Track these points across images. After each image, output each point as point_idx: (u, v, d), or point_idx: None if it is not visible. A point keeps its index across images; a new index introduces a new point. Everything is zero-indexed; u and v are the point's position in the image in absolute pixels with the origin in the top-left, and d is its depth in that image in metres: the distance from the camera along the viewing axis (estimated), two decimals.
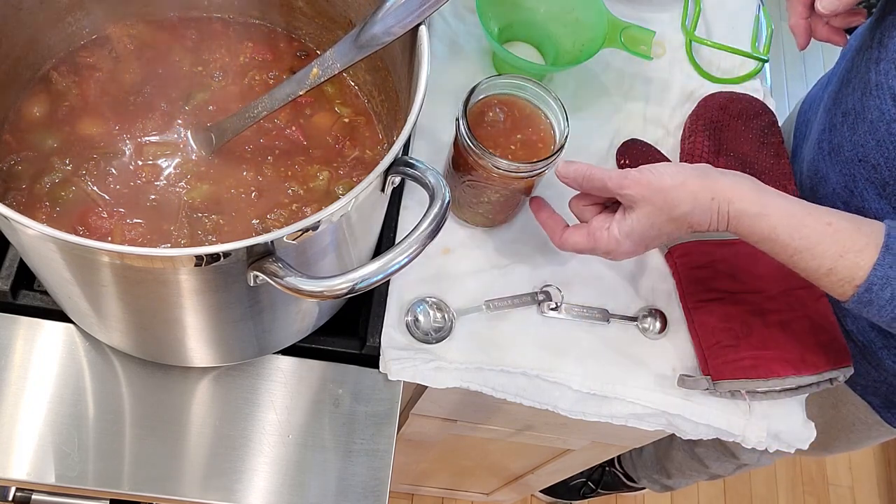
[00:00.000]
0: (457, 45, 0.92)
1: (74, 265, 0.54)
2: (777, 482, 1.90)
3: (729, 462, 1.31)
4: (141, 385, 0.73)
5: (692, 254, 0.81)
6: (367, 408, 0.76)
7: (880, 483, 1.94)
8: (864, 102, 0.77)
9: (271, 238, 0.49)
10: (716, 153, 0.87)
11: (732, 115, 0.89)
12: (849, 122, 0.80)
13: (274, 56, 0.76)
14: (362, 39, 0.60)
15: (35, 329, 0.74)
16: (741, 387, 0.76)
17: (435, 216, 0.52)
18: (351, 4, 0.70)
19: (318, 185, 0.69)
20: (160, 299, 0.57)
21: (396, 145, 0.53)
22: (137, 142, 0.68)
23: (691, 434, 0.80)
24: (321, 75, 0.62)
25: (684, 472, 1.45)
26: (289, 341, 0.73)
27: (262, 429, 0.73)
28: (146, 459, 0.70)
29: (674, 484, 1.55)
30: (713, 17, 1.01)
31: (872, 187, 0.77)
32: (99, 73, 0.71)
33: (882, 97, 0.74)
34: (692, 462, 1.39)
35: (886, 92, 0.74)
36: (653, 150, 0.88)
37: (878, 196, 0.76)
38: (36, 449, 0.69)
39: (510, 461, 1.28)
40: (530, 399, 0.78)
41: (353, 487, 0.73)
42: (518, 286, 0.80)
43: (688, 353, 0.81)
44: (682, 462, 1.43)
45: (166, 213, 0.65)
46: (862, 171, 0.78)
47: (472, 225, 0.82)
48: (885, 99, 0.74)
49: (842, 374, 0.77)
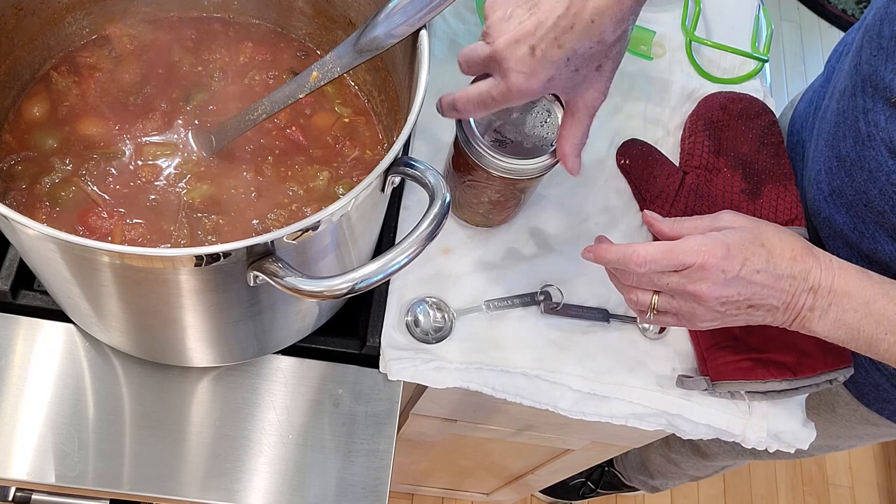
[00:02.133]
0: (457, 45, 0.92)
1: (74, 265, 0.54)
2: (777, 482, 1.90)
3: (702, 464, 1.31)
4: (141, 385, 0.73)
5: None
6: (367, 408, 0.76)
7: (880, 483, 1.94)
8: (860, 152, 0.74)
9: (271, 238, 0.49)
10: (716, 153, 0.87)
11: (732, 116, 0.89)
12: (846, 168, 0.77)
13: (274, 56, 0.76)
14: (362, 43, 0.60)
15: (35, 329, 0.74)
16: (740, 387, 0.76)
17: (435, 216, 0.52)
18: (351, 4, 0.70)
19: (318, 185, 0.69)
20: (160, 299, 0.57)
21: (396, 145, 0.53)
22: (137, 142, 0.68)
23: (691, 434, 0.80)
24: (321, 79, 0.62)
25: (665, 475, 1.46)
26: (289, 341, 0.73)
27: (262, 429, 0.73)
28: (146, 459, 0.70)
29: (659, 485, 1.56)
30: (713, 17, 1.01)
31: (883, 231, 0.74)
32: (99, 73, 0.71)
33: (877, 148, 0.71)
34: (669, 465, 1.40)
35: (880, 143, 0.71)
36: (653, 151, 0.88)
37: (891, 238, 0.74)
38: (36, 449, 0.69)
39: (510, 461, 1.28)
40: (530, 399, 0.78)
41: (353, 487, 0.73)
42: (518, 286, 0.80)
43: (688, 354, 0.81)
44: (660, 464, 1.43)
45: (166, 214, 0.65)
46: (870, 216, 0.75)
47: (472, 225, 0.82)
48: (880, 150, 0.71)
49: (841, 374, 0.77)
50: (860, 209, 0.76)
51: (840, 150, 0.77)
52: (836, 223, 0.80)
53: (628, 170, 0.87)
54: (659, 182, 0.85)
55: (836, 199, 0.80)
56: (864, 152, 0.73)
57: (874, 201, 0.74)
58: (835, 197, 0.80)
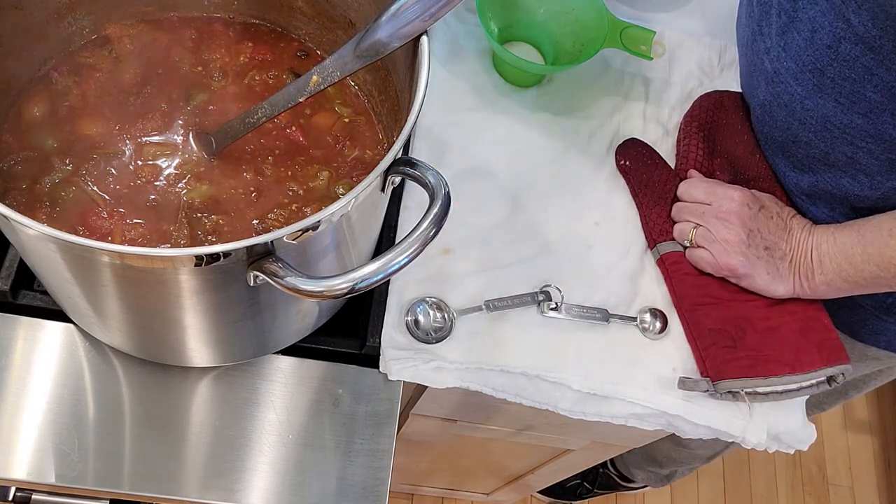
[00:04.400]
0: (457, 45, 0.92)
1: (74, 265, 0.54)
2: (777, 482, 1.90)
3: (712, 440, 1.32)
4: (141, 385, 0.73)
5: (684, 262, 0.82)
6: (367, 408, 0.76)
7: (880, 483, 1.94)
8: (773, 91, 0.79)
9: (271, 238, 0.49)
10: (710, 155, 0.87)
11: (728, 110, 0.89)
12: (769, 113, 0.82)
13: (274, 56, 0.76)
14: (362, 48, 0.59)
15: (35, 329, 0.74)
16: (741, 386, 0.76)
17: (435, 216, 0.52)
18: (351, 5, 0.70)
19: (318, 185, 0.69)
20: (160, 299, 0.57)
21: (396, 145, 0.53)
22: (137, 142, 0.68)
23: (691, 434, 0.80)
24: (321, 83, 0.62)
25: (675, 460, 1.45)
26: (289, 341, 0.73)
27: (262, 429, 0.73)
28: (146, 459, 0.70)
29: (669, 474, 1.54)
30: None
31: (820, 164, 0.78)
32: (99, 73, 0.71)
33: (785, 82, 0.76)
34: (678, 449, 1.39)
35: (786, 74, 0.75)
36: (653, 154, 0.88)
37: (826, 167, 0.78)
38: (36, 449, 0.69)
39: (510, 461, 1.28)
40: (530, 399, 0.78)
41: (353, 487, 0.73)
42: (518, 286, 0.80)
43: (688, 354, 0.81)
44: (668, 451, 1.42)
45: (166, 214, 0.65)
46: (801, 151, 0.79)
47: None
48: (788, 82, 0.76)
49: (840, 372, 0.77)
50: (790, 147, 0.81)
51: (759, 98, 0.83)
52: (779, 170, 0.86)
53: (627, 171, 0.87)
54: (658, 186, 0.86)
55: (771, 146, 0.85)
56: (776, 89, 0.78)
57: (798, 134, 0.78)
58: (770, 145, 0.85)
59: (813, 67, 0.72)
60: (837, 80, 0.70)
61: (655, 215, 0.84)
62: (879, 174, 0.73)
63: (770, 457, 1.90)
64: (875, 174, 0.74)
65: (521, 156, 0.87)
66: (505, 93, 0.90)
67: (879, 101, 0.68)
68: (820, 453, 1.94)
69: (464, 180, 0.84)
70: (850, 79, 0.69)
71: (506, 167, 0.86)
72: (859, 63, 0.67)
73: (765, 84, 0.81)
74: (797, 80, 0.75)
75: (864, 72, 0.68)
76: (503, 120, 0.89)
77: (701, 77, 0.95)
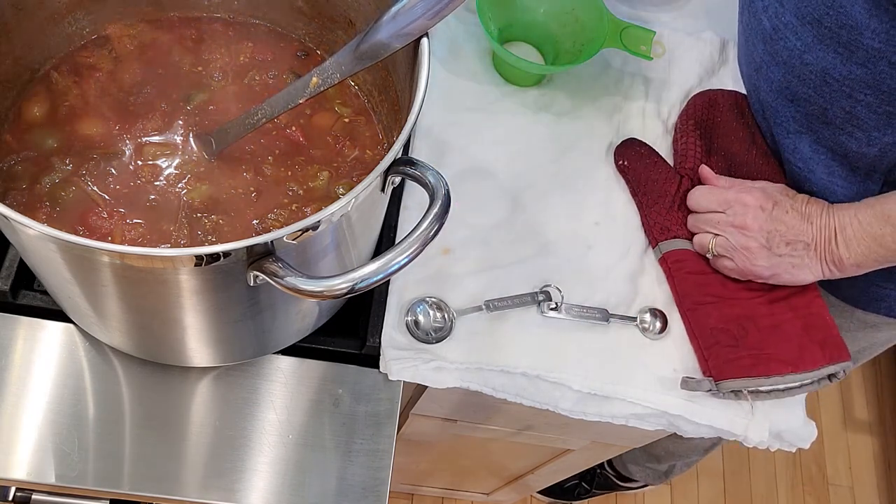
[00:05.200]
0: (457, 45, 0.92)
1: (74, 265, 0.54)
2: (777, 482, 1.90)
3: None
4: (141, 385, 0.73)
5: (686, 261, 0.82)
6: (367, 408, 0.76)
7: (880, 483, 1.94)
8: (772, 49, 0.79)
9: (271, 238, 0.49)
10: (707, 153, 0.87)
11: (723, 109, 0.89)
12: (765, 75, 0.82)
13: (274, 56, 0.76)
14: (362, 49, 0.59)
15: (35, 329, 0.74)
16: (743, 386, 0.76)
17: (435, 216, 0.52)
18: (351, 5, 0.70)
19: (318, 185, 0.69)
20: (160, 299, 0.57)
21: (396, 145, 0.53)
22: (137, 142, 0.68)
23: (692, 434, 0.80)
24: (321, 84, 0.62)
25: (674, 454, 1.44)
26: (289, 341, 0.73)
27: (262, 429, 0.73)
28: (146, 459, 0.70)
29: (668, 470, 1.53)
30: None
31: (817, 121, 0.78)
32: (99, 73, 0.71)
33: (785, 38, 0.76)
34: (677, 441, 1.38)
35: (785, 29, 0.76)
36: (652, 153, 0.88)
37: (824, 125, 0.78)
38: (36, 449, 0.69)
39: (510, 461, 1.28)
40: (530, 399, 0.78)
41: (353, 487, 0.73)
42: (518, 286, 0.80)
43: (688, 353, 0.81)
44: (666, 444, 1.42)
45: (166, 214, 0.65)
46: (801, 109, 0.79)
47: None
48: (787, 38, 0.76)
49: (841, 369, 0.77)
50: (787, 109, 0.81)
51: (756, 61, 0.83)
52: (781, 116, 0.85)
53: (626, 171, 0.87)
54: (658, 186, 0.85)
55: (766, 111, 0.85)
56: (774, 47, 0.79)
57: (797, 91, 0.78)
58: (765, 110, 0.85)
59: (811, 18, 0.72)
60: (834, 28, 0.70)
61: (656, 214, 0.84)
62: (876, 129, 0.74)
63: (770, 456, 1.90)
64: (872, 129, 0.74)
65: (521, 156, 0.87)
66: (505, 93, 0.90)
67: (877, 49, 0.68)
68: (820, 453, 1.94)
69: (464, 180, 0.84)
70: (847, 26, 0.69)
71: (506, 167, 0.86)
72: (856, 7, 0.68)
73: (762, 44, 0.80)
74: (796, 33, 0.75)
75: (861, 16, 0.68)
76: (503, 120, 0.89)
77: (701, 76, 0.95)
